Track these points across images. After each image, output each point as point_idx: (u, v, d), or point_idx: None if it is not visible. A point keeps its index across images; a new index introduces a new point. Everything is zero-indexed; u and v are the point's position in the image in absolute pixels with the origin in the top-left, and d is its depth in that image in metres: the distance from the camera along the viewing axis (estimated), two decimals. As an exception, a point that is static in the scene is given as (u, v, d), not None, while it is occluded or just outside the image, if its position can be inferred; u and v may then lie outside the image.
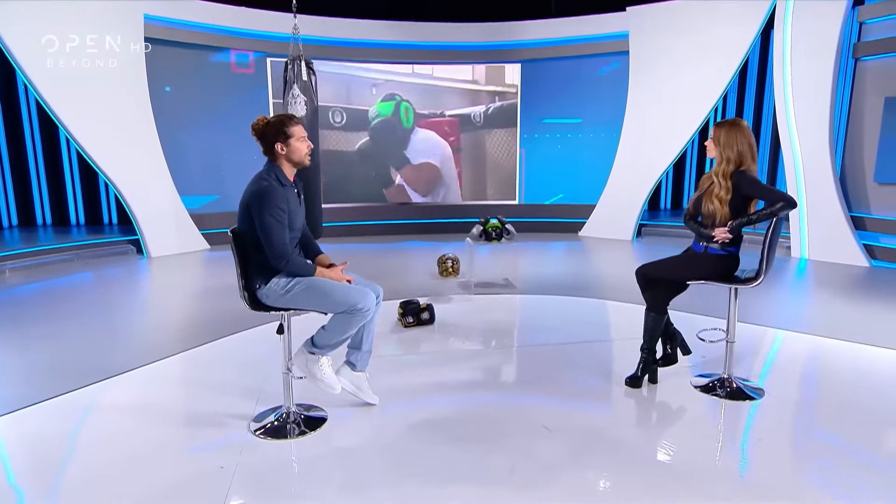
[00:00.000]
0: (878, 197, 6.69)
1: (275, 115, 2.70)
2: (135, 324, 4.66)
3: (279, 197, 2.49)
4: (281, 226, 2.48)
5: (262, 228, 2.47)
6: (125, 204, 7.20)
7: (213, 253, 7.66)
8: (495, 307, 5.04)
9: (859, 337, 4.00)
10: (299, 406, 2.87)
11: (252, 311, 2.65)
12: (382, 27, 8.61)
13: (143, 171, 7.29)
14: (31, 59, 6.34)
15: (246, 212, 2.54)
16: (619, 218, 8.64)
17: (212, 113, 7.99)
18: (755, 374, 3.41)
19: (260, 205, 2.47)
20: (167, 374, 3.53)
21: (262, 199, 2.47)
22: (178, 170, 7.58)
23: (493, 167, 9.38)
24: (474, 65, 9.01)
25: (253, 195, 2.50)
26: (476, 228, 5.54)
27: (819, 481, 2.34)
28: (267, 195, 2.47)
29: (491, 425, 2.78)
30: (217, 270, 6.75)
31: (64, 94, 6.59)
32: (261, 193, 2.48)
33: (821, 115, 6.80)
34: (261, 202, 2.47)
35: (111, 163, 7.00)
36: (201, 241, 7.84)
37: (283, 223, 2.49)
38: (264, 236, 2.47)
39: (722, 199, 2.93)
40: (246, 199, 2.55)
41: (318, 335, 2.67)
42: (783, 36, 7.07)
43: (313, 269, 2.59)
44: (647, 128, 8.32)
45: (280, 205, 2.48)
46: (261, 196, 2.48)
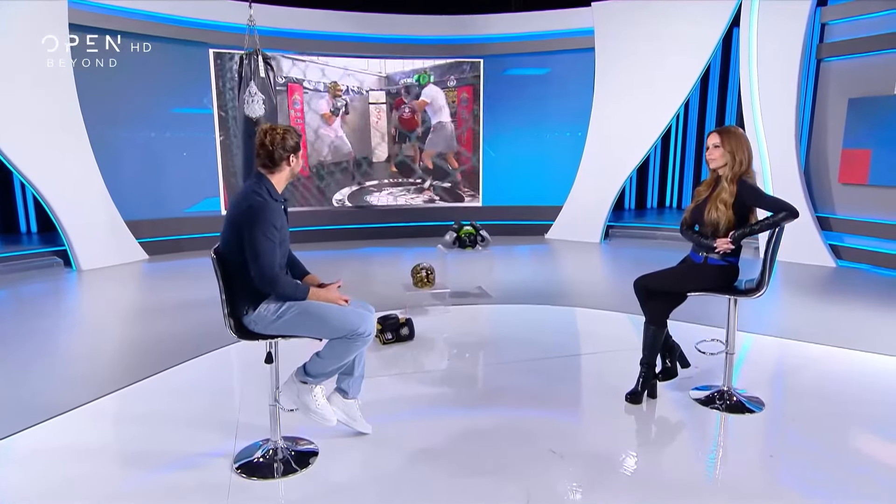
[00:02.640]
0: (842, 197, 7.10)
1: (282, 125, 2.58)
2: (70, 351, 4.33)
3: (274, 214, 2.39)
4: (273, 246, 2.38)
5: (252, 248, 2.36)
6: (49, 211, 6.76)
7: (152, 264, 7.32)
8: (474, 319, 5.03)
9: (842, 342, 4.22)
10: (286, 440, 2.76)
11: (238, 338, 2.52)
12: (336, 18, 8.46)
13: (71, 174, 6.88)
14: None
15: (235, 230, 2.42)
16: (586, 220, 8.81)
17: (152, 110, 7.63)
18: (747, 383, 3.53)
19: (253, 222, 2.35)
20: (121, 411, 3.29)
21: (256, 217, 2.36)
22: (111, 173, 7.19)
23: (455, 167, 9.38)
24: (435, 59, 8.98)
25: (245, 212, 2.38)
26: (449, 235, 5.52)
27: (824, 496, 2.44)
28: (262, 212, 2.36)
29: (494, 451, 2.75)
30: (159, 284, 6.45)
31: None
32: (255, 210, 2.37)
33: (787, 116, 7.15)
34: (254, 219, 2.36)
35: (32, 164, 6.56)
36: (138, 250, 7.48)
37: (275, 243, 2.39)
38: (253, 257, 2.36)
39: (727, 202, 3.02)
40: (235, 215, 2.42)
41: (311, 363, 2.57)
42: (749, 36, 7.40)
43: (306, 291, 2.49)
44: (614, 126, 8.52)
45: (275, 223, 2.38)
46: (255, 213, 2.37)
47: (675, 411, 3.23)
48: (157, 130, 7.70)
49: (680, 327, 3.92)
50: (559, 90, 8.99)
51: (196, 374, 3.79)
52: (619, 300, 5.54)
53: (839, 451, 2.78)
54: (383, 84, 8.95)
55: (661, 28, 8.06)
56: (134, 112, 7.53)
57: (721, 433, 3.01)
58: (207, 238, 8.10)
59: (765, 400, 3.28)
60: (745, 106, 7.53)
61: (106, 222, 7.18)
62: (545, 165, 9.24)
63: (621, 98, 8.46)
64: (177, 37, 7.62)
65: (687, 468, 2.67)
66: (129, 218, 7.40)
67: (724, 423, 3.08)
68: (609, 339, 4.51)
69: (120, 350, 4.39)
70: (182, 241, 7.96)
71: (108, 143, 7.29)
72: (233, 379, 3.78)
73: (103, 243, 7.13)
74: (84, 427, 3.07)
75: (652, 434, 3.06)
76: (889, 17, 6.43)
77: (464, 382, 3.64)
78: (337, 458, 2.71)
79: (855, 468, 2.64)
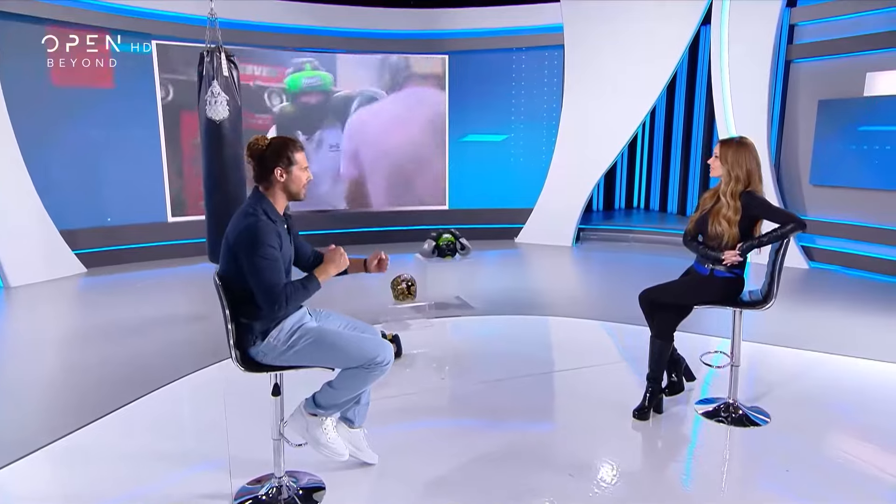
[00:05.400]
0: (813, 199, 7.50)
1: (276, 136, 2.53)
2: (5, 386, 3.99)
3: (270, 234, 2.34)
4: (273, 265, 2.33)
5: (252, 272, 2.31)
6: (-29, 221, 6.38)
7: (91, 278, 7.00)
8: (460, 333, 5.07)
9: (834, 348, 4.47)
10: (290, 475, 2.71)
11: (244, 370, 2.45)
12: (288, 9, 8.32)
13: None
14: None
15: (232, 255, 2.36)
16: (557, 223, 8.97)
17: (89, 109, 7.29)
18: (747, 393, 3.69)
19: (249, 246, 2.30)
20: (85, 454, 3.05)
21: (250, 239, 2.31)
22: (42, 175, 6.85)
23: (417, 168, 9.36)
24: (397, 55, 8.96)
25: (239, 236, 2.33)
26: (427, 244, 5.52)
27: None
28: (256, 234, 2.31)
29: (508, 478, 2.78)
30: (102, 301, 6.17)
31: None
32: (249, 233, 2.32)
33: (758, 117, 7.50)
34: (250, 243, 2.31)
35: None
36: (75, 263, 7.14)
37: (275, 262, 2.34)
38: (255, 280, 2.31)
39: (731, 219, 3.15)
40: (231, 240, 2.37)
41: (322, 394, 2.53)
42: (720, 35, 7.72)
43: (317, 282, 2.45)
44: (585, 125, 8.71)
45: (271, 242, 2.33)
46: (249, 235, 2.32)
47: (684, 427, 3.35)
48: (95, 129, 7.37)
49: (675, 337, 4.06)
50: (527, 88, 9.13)
51: (166, 406, 3.66)
52: (602, 309, 5.71)
53: (852, 464, 2.95)
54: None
55: (631, 25, 8.30)
56: (68, 109, 7.19)
57: (733, 448, 3.14)
58: (152, 248, 7.83)
59: (769, 411, 3.44)
60: (717, 107, 7.85)
61: (37, 232, 6.82)
62: (514, 166, 9.36)
63: (592, 96, 8.66)
64: (117, 27, 7.32)
65: (708, 486, 2.77)
66: (64, 227, 7.06)
67: (734, 438, 3.21)
68: (600, 351, 4.62)
69: (67, 383, 4.11)
70: (124, 251, 7.66)
71: (40, 144, 6.93)
72: (211, 408, 3.65)
73: (34, 256, 6.76)
74: (42, 476, 2.91)
75: (664, 452, 3.16)
76: (858, 19, 6.84)
77: (462, 403, 3.66)
78: (346, 494, 2.68)
79: (871, 483, 2.81)
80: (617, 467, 2.90)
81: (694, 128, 10.32)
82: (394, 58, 8.95)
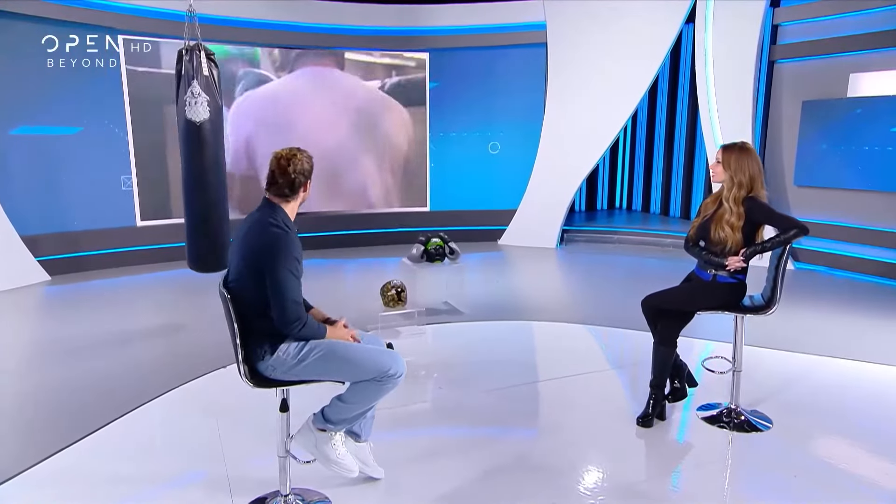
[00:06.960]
0: (797, 200, 7.73)
1: (295, 148, 2.52)
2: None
3: (296, 246, 2.36)
4: (297, 282, 2.34)
5: (275, 286, 2.31)
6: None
7: (56, 287, 6.84)
8: (452, 340, 5.09)
9: (827, 350, 4.63)
10: (295, 492, 2.71)
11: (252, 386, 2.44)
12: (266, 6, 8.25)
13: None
14: None
15: (253, 266, 2.36)
16: (541, 224, 9.06)
17: (48, 108, 7.12)
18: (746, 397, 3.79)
19: (275, 258, 2.31)
20: (69, 475, 3.00)
21: (278, 251, 2.32)
22: (1, 178, 6.67)
23: (398, 168, 9.36)
24: (374, 51, 8.95)
25: (265, 247, 2.33)
26: (416, 249, 5.54)
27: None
28: (285, 246, 2.33)
29: (519, 490, 2.82)
30: (70, 312, 6.01)
31: None
32: (276, 244, 2.33)
33: (743, 118, 7.70)
34: (277, 254, 2.31)
35: None
36: (38, 270, 6.97)
37: (299, 278, 2.35)
38: (277, 295, 2.31)
39: (734, 225, 3.24)
40: (254, 250, 2.36)
41: (332, 408, 2.54)
42: (704, 35, 7.91)
43: (325, 331, 2.47)
44: (569, 125, 8.83)
45: (297, 255, 2.35)
46: (277, 247, 2.33)
47: (687, 433, 3.44)
48: (58, 128, 7.20)
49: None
50: (510, 87, 9.20)
51: (151, 424, 3.61)
52: (592, 312, 5.82)
53: (854, 469, 3.07)
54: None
55: (615, 24, 8.43)
56: (28, 107, 7.01)
57: (739, 454, 3.23)
58: (118, 253, 7.69)
59: (769, 415, 3.55)
60: (702, 107, 8.03)
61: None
62: (497, 167, 9.42)
63: (576, 95, 8.77)
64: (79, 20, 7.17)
65: (713, 493, 2.85)
66: (26, 233, 6.89)
67: (738, 444, 3.31)
68: (595, 357, 4.72)
69: (38, 401, 3.94)
70: (90, 257, 7.50)
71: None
72: (198, 425, 3.60)
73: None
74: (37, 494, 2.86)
75: (668, 459, 3.23)
76: (842, 20, 7.06)
77: (465, 413, 3.69)
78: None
79: (874, 489, 2.92)
80: (621, 475, 2.97)
81: (677, 127, 10.52)
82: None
